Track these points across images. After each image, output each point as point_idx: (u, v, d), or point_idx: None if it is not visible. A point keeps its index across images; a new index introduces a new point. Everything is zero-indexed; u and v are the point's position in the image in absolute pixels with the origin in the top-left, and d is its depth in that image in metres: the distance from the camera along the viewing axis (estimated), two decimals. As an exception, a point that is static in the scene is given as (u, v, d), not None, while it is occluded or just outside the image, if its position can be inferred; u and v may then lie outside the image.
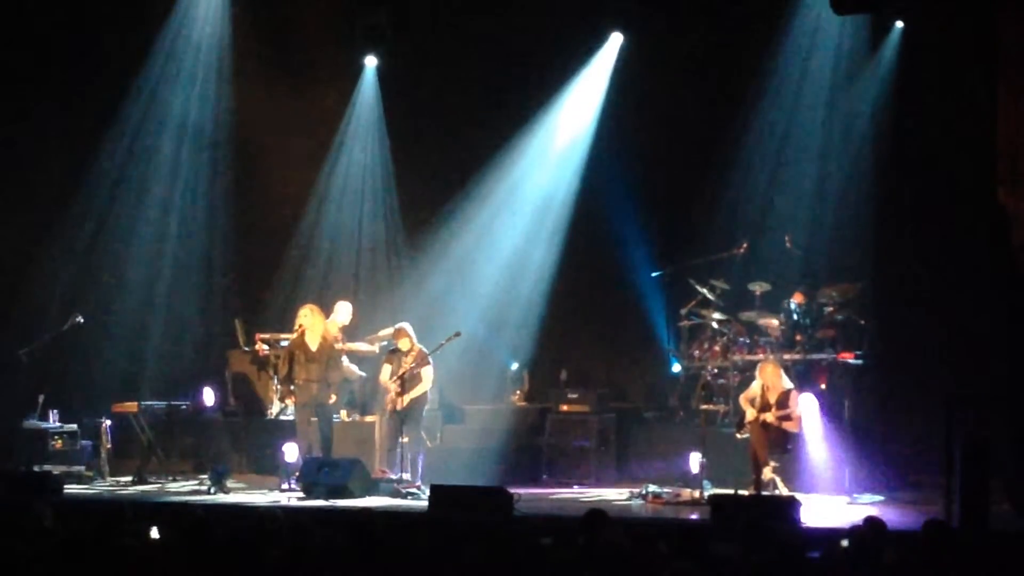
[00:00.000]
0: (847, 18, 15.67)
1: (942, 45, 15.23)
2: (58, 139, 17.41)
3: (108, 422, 15.28)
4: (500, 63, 16.96)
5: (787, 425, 13.38)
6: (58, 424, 15.35)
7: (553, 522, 10.86)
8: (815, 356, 15.01)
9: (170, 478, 15.14)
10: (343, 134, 18.12)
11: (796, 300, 15.16)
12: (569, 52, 17.23)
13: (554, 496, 14.03)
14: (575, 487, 14.84)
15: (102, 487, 14.63)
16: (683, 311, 15.98)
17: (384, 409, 14.42)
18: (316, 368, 14.12)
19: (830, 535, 10.24)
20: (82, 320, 15.77)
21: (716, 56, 16.35)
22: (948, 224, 15.23)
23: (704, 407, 14.54)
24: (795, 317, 15.15)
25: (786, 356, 14.79)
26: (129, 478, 15.07)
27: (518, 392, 16.62)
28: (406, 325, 14.49)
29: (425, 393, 14.28)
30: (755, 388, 13.63)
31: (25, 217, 17.23)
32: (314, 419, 14.16)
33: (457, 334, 14.25)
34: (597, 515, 8.30)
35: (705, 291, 15.73)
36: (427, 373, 14.26)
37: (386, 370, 14.41)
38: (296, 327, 14.22)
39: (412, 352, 14.25)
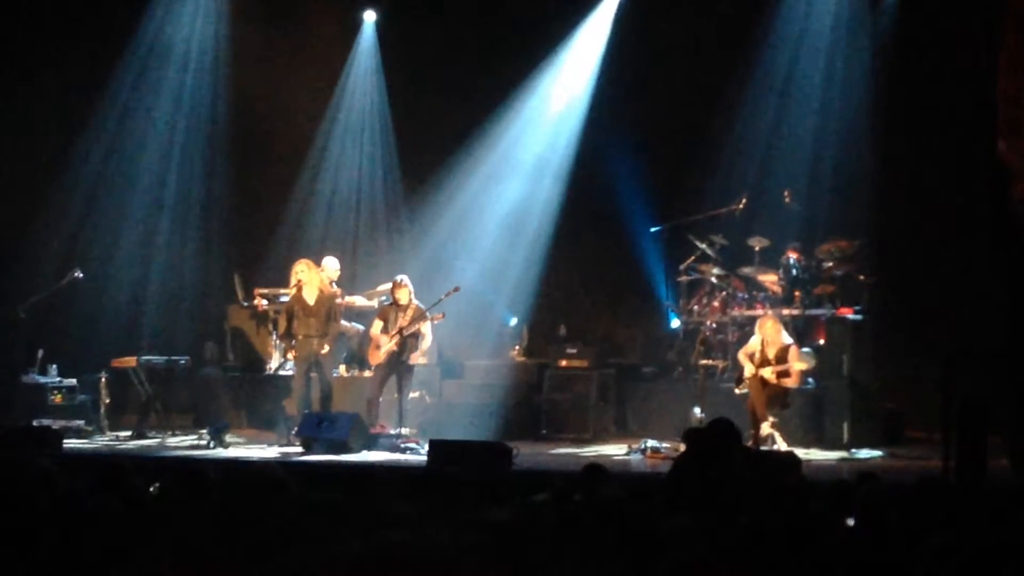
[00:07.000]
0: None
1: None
2: (55, 94, 17.32)
3: (107, 377, 15.28)
4: (500, 17, 16.88)
5: (786, 381, 13.39)
6: (57, 379, 15.34)
7: (551, 477, 10.86)
8: (814, 312, 15.00)
9: (169, 433, 15.16)
10: (342, 89, 18.08)
11: (792, 256, 15.15)
12: (569, 6, 17.15)
13: (553, 451, 14.05)
14: (573, 442, 14.88)
15: (102, 441, 14.64)
16: (682, 266, 15.97)
17: (371, 363, 14.45)
18: (315, 323, 14.06)
19: (829, 491, 10.26)
20: (81, 275, 15.75)
21: (715, 11, 16.27)
22: (948, 179, 15.19)
23: (703, 362, 14.53)
24: (794, 273, 15.14)
25: (785, 311, 14.78)
26: (128, 433, 15.07)
27: (517, 347, 16.61)
28: (405, 277, 14.45)
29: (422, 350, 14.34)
30: (754, 343, 13.63)
31: (23, 171, 17.17)
32: (313, 375, 14.14)
33: (456, 289, 14.24)
34: (595, 470, 8.30)
35: (704, 246, 15.71)
36: (427, 330, 14.26)
37: (378, 324, 14.38)
38: (293, 282, 14.17)
39: (410, 307, 14.23)
